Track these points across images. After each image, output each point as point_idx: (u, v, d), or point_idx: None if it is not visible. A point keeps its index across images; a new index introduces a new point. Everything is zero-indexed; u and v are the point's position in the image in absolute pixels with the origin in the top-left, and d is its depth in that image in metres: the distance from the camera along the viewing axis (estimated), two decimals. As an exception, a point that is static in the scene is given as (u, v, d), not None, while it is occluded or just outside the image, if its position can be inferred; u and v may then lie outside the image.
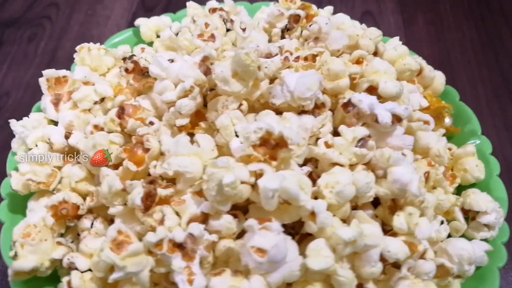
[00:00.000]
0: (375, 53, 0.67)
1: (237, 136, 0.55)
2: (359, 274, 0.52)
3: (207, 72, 0.59)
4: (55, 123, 0.67)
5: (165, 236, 0.49)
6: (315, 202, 0.50)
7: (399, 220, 0.52)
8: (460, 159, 0.66)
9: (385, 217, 0.55)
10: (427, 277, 0.55)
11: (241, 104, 0.58)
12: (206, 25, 0.65)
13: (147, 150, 0.56)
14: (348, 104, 0.57)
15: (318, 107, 0.58)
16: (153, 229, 0.51)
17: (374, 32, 0.67)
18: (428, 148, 0.62)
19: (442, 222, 0.60)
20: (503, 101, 1.03)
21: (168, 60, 0.59)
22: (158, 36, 0.80)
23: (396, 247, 0.51)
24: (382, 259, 0.51)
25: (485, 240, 0.61)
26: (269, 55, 0.59)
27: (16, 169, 0.61)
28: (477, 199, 0.60)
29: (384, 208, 0.55)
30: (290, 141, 0.50)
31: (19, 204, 0.63)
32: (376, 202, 0.57)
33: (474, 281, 0.59)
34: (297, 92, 0.55)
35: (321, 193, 0.51)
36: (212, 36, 0.65)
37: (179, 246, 0.50)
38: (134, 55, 0.64)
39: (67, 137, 0.64)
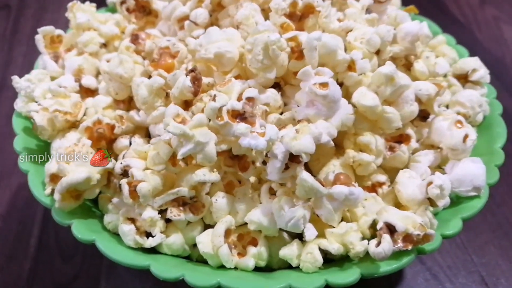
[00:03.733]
0: None
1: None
2: (401, 118, 0.56)
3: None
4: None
5: (225, 102, 0.50)
6: (351, 52, 0.55)
7: (419, 65, 0.59)
8: (436, 48, 0.75)
9: (402, 75, 0.61)
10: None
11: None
12: None
13: (174, 55, 0.58)
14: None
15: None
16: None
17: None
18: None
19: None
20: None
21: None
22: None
23: (425, 86, 0.57)
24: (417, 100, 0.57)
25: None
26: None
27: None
28: (465, 61, 0.69)
29: (400, 67, 0.61)
30: (316, 3, 0.55)
31: (35, 161, 0.60)
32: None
33: (484, 128, 0.66)
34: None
35: (353, 45, 0.56)
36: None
37: (237, 116, 0.51)
38: (133, -7, 0.67)
39: (77, 82, 0.63)
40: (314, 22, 0.56)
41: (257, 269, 0.52)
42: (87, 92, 0.63)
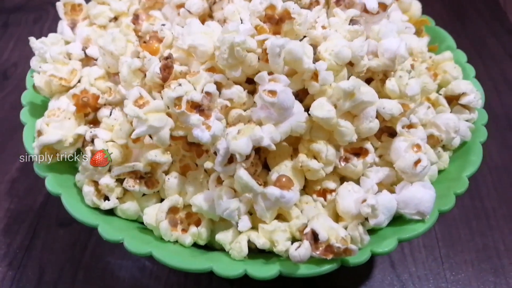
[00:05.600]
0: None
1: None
2: (358, 133, 0.57)
3: (212, -23, 0.67)
4: (72, 45, 0.73)
5: (184, 93, 0.54)
6: (317, 63, 0.56)
7: (391, 83, 0.59)
8: (439, 64, 0.74)
9: (378, 90, 0.61)
10: (419, 145, 0.61)
11: (244, 2, 0.65)
12: None
13: (161, 40, 0.62)
14: (340, -2, 0.64)
15: (312, 4, 0.66)
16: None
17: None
18: (410, 49, 0.69)
19: (428, 107, 0.66)
20: (474, 60, 1.14)
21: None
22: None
23: (390, 104, 0.57)
24: (378, 118, 0.58)
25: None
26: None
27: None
28: (458, 83, 0.67)
29: (377, 81, 0.62)
30: (293, 10, 0.57)
31: (38, 110, 0.68)
32: (369, 82, 0.63)
33: (460, 153, 0.65)
34: (295, -18, 0.62)
35: (321, 56, 0.57)
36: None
37: (196, 107, 0.55)
38: (145, -26, 0.72)
39: (84, 50, 0.69)
40: (290, 27, 0.58)
41: (203, 246, 0.58)
42: (90, 60, 0.69)
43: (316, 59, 0.58)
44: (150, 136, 0.56)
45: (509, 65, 1.14)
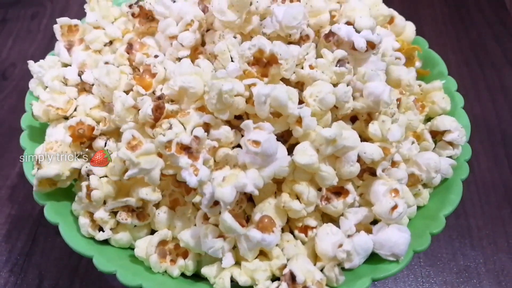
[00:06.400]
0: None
1: (232, 61, 0.63)
2: (339, 175, 0.60)
3: (205, 10, 0.68)
4: (69, 66, 0.75)
5: (174, 137, 0.57)
6: (301, 109, 0.58)
7: (373, 127, 0.61)
8: (428, 93, 0.75)
9: (362, 130, 0.64)
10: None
11: (235, 37, 0.66)
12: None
13: (154, 75, 0.64)
14: (329, 35, 0.65)
15: (303, 39, 0.67)
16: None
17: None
18: (399, 80, 0.71)
19: (412, 142, 0.68)
20: (472, 66, 1.15)
21: (171, 0, 0.68)
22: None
23: (371, 149, 0.59)
24: (360, 162, 0.60)
25: (450, 158, 0.70)
26: (259, -5, 0.68)
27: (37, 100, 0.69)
28: (443, 120, 0.69)
29: (361, 121, 0.64)
30: (280, 56, 0.58)
31: (37, 134, 0.71)
32: (353, 120, 0.65)
33: (441, 190, 0.68)
34: (285, 21, 0.63)
35: (306, 102, 0.59)
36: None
37: (185, 149, 0.58)
38: (140, 0, 0.73)
39: (80, 75, 0.72)
40: (277, 71, 0.59)
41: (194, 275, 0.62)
42: (86, 84, 0.71)
43: (301, 100, 0.60)
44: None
45: (509, 73, 1.14)
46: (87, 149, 0.67)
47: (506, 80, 1.12)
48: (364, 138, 0.63)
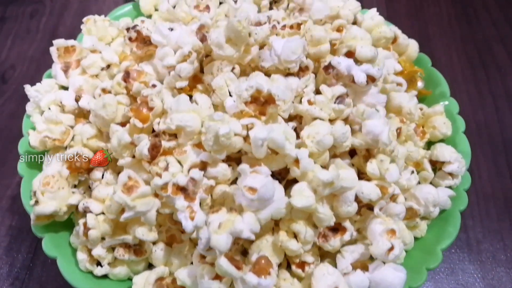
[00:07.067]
0: (354, 23, 0.74)
1: (230, 95, 0.62)
2: (337, 214, 0.60)
3: (203, 39, 0.66)
4: (65, 89, 0.74)
5: (170, 179, 0.56)
6: (298, 150, 0.58)
7: (371, 166, 0.60)
8: (429, 118, 0.74)
9: (360, 165, 0.63)
10: (397, 218, 0.63)
11: (233, 68, 0.65)
12: (202, -3, 0.72)
13: (151, 108, 0.63)
14: (329, 67, 0.64)
15: (302, 70, 0.66)
16: (159, 176, 0.58)
17: (353, 4, 0.75)
18: (400, 107, 0.70)
19: (412, 172, 0.68)
20: (477, 69, 1.12)
21: (168, 28, 0.66)
22: (156, 10, 0.87)
23: (369, 189, 0.59)
24: (357, 200, 0.60)
25: (449, 187, 0.69)
26: (258, 24, 0.66)
27: (33, 128, 0.69)
28: (442, 150, 0.69)
29: (360, 157, 0.63)
30: (277, 97, 0.57)
31: (35, 161, 0.71)
32: (352, 153, 0.65)
33: (439, 222, 0.68)
34: (283, 56, 0.62)
35: (303, 143, 0.59)
36: (207, 7, 0.72)
37: (181, 189, 0.57)
38: (137, 25, 0.71)
39: (77, 100, 0.71)
40: (275, 111, 0.59)
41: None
42: (83, 111, 0.71)
43: (298, 145, 0.59)
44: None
45: (514, 78, 1.12)
46: (83, 178, 0.67)
47: (510, 84, 1.10)
48: (363, 172, 0.63)
